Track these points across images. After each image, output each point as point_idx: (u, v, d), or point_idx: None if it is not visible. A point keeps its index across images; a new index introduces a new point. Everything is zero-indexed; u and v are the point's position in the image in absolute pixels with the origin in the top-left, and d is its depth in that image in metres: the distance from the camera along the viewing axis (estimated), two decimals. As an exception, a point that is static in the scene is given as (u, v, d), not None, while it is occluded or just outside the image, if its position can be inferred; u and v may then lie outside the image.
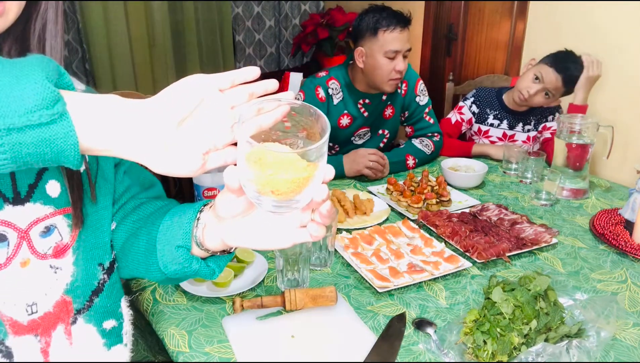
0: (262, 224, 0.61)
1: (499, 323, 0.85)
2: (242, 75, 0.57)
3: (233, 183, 0.54)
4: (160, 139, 0.51)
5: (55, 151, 0.48)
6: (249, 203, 0.58)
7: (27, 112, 0.46)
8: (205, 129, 0.53)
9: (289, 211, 0.54)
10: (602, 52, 2.19)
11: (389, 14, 1.64)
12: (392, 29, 1.62)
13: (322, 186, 0.54)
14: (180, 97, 0.52)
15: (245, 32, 4.33)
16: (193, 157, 0.53)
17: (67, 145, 0.48)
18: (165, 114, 0.51)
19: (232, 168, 0.54)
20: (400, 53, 1.65)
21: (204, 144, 0.53)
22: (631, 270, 1.17)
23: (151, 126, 0.51)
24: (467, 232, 1.27)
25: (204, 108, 0.53)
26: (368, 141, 1.89)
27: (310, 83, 1.79)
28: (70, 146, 0.48)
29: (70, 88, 0.52)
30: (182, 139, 0.52)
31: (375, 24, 1.64)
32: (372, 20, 1.65)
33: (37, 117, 0.46)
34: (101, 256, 0.77)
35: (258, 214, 0.61)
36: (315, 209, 0.57)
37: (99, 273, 0.77)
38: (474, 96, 2.04)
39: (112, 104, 0.51)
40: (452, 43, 3.29)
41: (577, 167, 1.56)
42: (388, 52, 1.64)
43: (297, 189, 0.51)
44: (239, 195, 0.57)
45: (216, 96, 0.54)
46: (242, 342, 0.92)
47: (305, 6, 4.41)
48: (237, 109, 0.55)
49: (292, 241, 0.60)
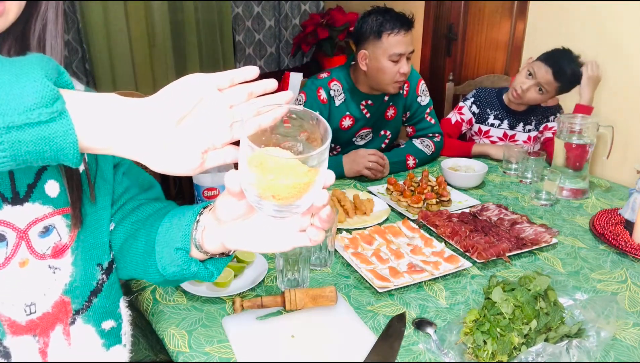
0: (262, 228, 0.61)
1: (499, 323, 0.85)
2: (241, 74, 0.57)
3: (234, 186, 0.55)
4: (159, 137, 0.51)
5: (55, 149, 0.48)
6: (249, 206, 0.58)
7: (26, 110, 0.46)
8: (204, 128, 0.53)
9: (290, 215, 0.54)
10: (603, 52, 2.19)
11: (393, 17, 1.63)
12: (397, 32, 1.62)
13: (322, 192, 0.54)
14: (180, 95, 0.52)
15: (245, 32, 4.33)
16: (192, 155, 0.53)
17: (66, 143, 0.48)
18: (164, 113, 0.51)
19: (234, 172, 0.55)
20: (404, 56, 1.65)
21: (203, 142, 0.53)
22: (631, 270, 1.17)
23: (150, 125, 0.51)
24: (467, 232, 1.27)
25: (203, 107, 0.53)
26: (370, 142, 1.89)
27: (311, 84, 1.78)
28: (69, 144, 0.48)
29: (69, 87, 0.52)
30: (181, 137, 0.52)
31: (379, 27, 1.63)
32: (376, 23, 1.64)
33: (36, 115, 0.46)
34: (100, 256, 0.77)
35: (258, 218, 0.61)
36: (315, 214, 0.57)
37: (97, 273, 0.77)
38: (474, 96, 2.04)
39: (111, 102, 0.51)
40: (452, 43, 3.29)
41: (577, 167, 1.56)
42: (392, 56, 1.63)
43: (298, 194, 0.52)
44: (240, 199, 0.57)
45: (215, 95, 0.54)
46: (242, 342, 0.92)
47: (305, 6, 4.41)
48: (235, 108, 0.55)
49: (292, 244, 0.60)
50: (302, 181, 0.51)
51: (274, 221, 0.59)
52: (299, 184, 0.51)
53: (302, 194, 0.52)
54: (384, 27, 1.63)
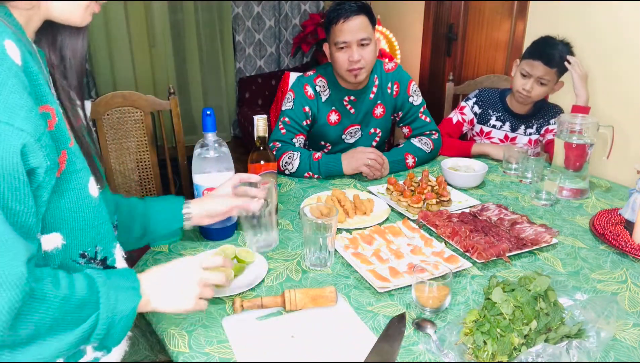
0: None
1: (499, 324, 0.85)
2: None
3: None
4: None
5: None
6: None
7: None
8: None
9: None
10: (603, 52, 2.19)
11: (340, 7, 1.67)
12: (342, 21, 1.66)
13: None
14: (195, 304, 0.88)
15: (245, 32, 4.33)
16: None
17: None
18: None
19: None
20: (352, 43, 1.67)
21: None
22: (631, 270, 1.17)
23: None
24: (467, 232, 1.27)
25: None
26: (359, 139, 1.90)
27: (298, 82, 1.83)
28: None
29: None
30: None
31: (328, 20, 1.70)
32: (328, 17, 1.71)
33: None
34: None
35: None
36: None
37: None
38: (476, 97, 2.03)
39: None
40: (452, 43, 3.29)
41: (577, 167, 1.56)
42: (338, 44, 1.69)
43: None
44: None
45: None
46: (242, 342, 0.92)
47: (305, 6, 4.41)
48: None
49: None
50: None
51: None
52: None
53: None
54: (330, 18, 1.69)
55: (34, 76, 0.69)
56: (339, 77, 1.80)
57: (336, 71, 1.77)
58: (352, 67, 1.69)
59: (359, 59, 1.68)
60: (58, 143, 0.72)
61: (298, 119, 1.78)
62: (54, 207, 0.73)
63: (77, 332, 0.70)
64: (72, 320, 0.70)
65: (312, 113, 1.81)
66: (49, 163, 0.68)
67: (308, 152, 1.70)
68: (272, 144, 1.74)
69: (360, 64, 1.69)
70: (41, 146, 0.67)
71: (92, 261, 0.82)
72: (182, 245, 1.26)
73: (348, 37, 1.66)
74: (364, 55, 1.68)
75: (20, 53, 0.67)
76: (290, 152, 1.69)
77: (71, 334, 0.70)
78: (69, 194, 0.75)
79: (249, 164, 1.33)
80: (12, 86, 0.64)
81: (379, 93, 1.85)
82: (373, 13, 1.71)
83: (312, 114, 1.81)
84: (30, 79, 0.69)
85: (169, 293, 0.84)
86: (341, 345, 0.92)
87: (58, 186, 0.73)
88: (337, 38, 1.68)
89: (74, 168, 0.75)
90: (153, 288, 0.83)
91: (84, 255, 0.80)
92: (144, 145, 2.04)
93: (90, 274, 0.75)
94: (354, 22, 1.65)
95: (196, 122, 4.24)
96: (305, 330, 0.95)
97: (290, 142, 1.77)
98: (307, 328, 0.96)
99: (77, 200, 0.76)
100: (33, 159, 0.66)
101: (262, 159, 1.33)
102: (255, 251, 1.19)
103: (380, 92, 1.85)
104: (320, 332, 0.95)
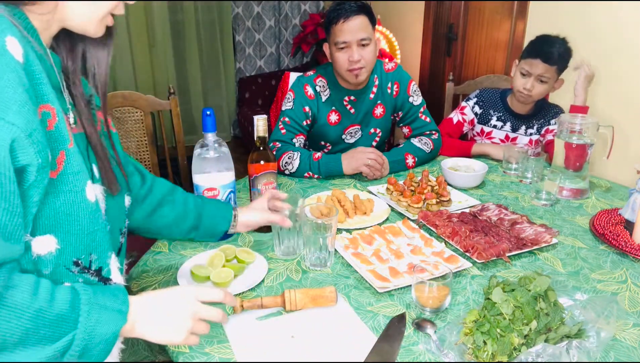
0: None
1: (499, 324, 0.85)
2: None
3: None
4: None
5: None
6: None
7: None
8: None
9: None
10: (603, 52, 2.19)
11: (339, 7, 1.67)
12: (342, 22, 1.66)
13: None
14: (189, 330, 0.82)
15: (245, 32, 4.33)
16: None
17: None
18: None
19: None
20: (352, 43, 1.68)
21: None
22: (631, 270, 1.17)
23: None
24: (467, 232, 1.27)
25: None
26: (359, 139, 1.91)
27: (298, 82, 1.83)
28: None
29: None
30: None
31: (328, 20, 1.70)
32: (327, 17, 1.71)
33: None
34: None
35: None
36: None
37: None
38: (477, 97, 2.03)
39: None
40: (452, 43, 3.29)
41: (577, 167, 1.56)
42: (338, 44, 1.69)
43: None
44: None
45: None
46: (242, 342, 0.92)
47: (305, 6, 4.41)
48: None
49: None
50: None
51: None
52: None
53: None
54: (330, 18, 1.69)
55: (35, 75, 0.69)
56: (339, 77, 1.80)
57: (336, 71, 1.77)
58: (352, 67, 1.69)
59: (359, 59, 1.68)
60: (57, 143, 0.72)
61: (298, 119, 1.78)
62: (49, 208, 0.72)
63: (49, 349, 0.67)
64: (46, 335, 0.67)
65: (312, 113, 1.81)
66: (40, 161, 0.66)
67: (308, 152, 1.70)
68: (272, 144, 1.75)
69: (361, 64, 1.69)
70: (32, 142, 0.65)
71: (86, 270, 0.78)
72: (182, 245, 1.26)
73: (348, 37, 1.67)
74: (364, 55, 1.69)
75: (23, 51, 0.67)
76: (290, 152, 1.69)
77: (42, 351, 0.67)
78: (64, 196, 0.73)
79: (249, 164, 1.33)
80: (7, 80, 0.64)
81: (379, 93, 1.85)
82: (373, 13, 1.72)
83: (312, 114, 1.81)
84: (31, 78, 0.68)
85: (158, 323, 0.79)
86: (341, 345, 0.92)
87: (54, 186, 0.72)
88: (337, 38, 1.68)
89: (72, 170, 0.74)
90: (142, 314, 0.78)
91: (78, 263, 0.77)
92: (144, 145, 2.04)
93: (76, 288, 0.73)
94: (354, 22, 1.66)
95: (196, 122, 4.25)
96: (305, 330, 0.95)
97: (290, 142, 1.77)
98: (307, 328, 0.96)
99: (73, 203, 0.74)
100: (23, 155, 0.64)
101: (262, 159, 1.33)
102: (280, 256, 1.22)
103: (380, 92, 1.85)
104: (320, 332, 0.95)
